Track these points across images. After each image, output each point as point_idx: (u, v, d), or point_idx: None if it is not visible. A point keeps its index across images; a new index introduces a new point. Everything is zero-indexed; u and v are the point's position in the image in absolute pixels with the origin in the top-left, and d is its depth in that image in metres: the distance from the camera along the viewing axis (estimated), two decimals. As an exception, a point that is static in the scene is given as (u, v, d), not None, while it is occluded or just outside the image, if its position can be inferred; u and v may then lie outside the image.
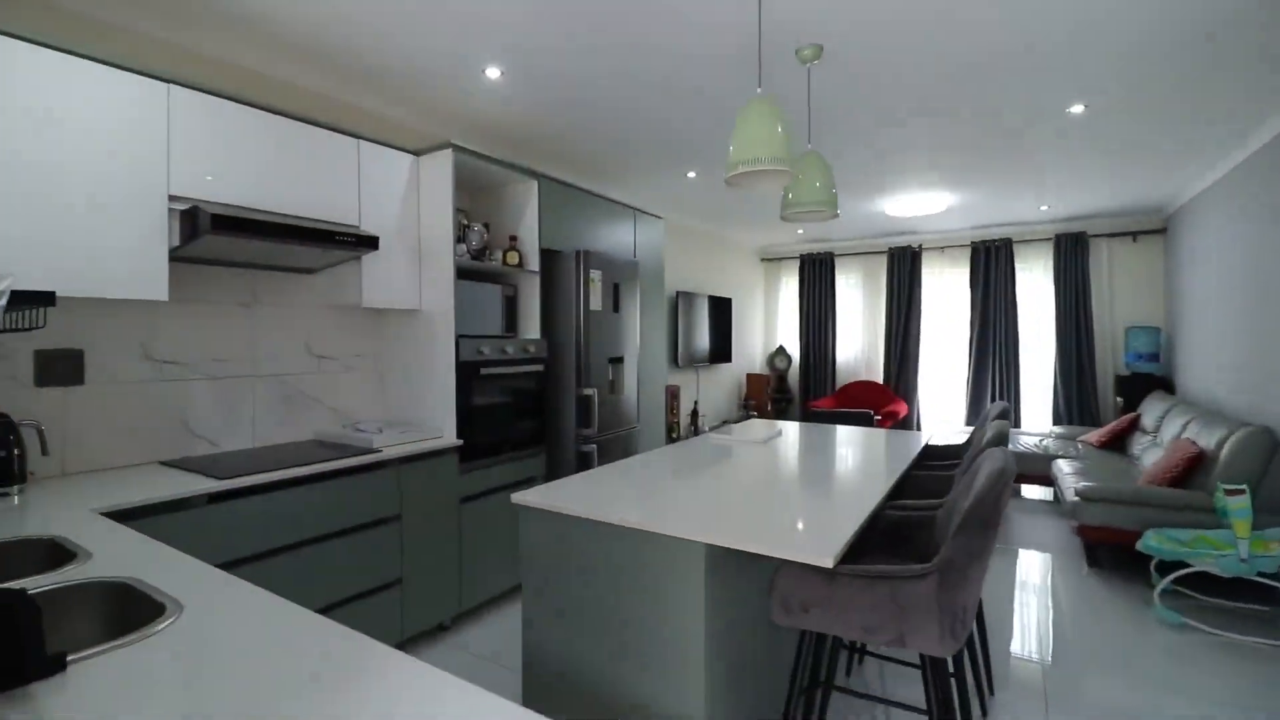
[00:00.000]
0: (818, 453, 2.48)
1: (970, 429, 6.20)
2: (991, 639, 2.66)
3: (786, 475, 2.05)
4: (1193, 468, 3.39)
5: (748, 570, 1.69)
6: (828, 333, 7.52)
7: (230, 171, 2.19)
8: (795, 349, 7.85)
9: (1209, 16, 2.25)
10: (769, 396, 7.35)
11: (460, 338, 2.77)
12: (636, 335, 3.74)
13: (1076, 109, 3.17)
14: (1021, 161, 4.13)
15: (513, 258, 3.15)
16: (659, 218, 4.37)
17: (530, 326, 3.27)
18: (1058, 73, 2.73)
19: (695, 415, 5.82)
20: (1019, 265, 6.57)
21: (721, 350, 6.74)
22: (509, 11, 2.22)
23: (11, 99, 1.72)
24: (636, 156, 4.00)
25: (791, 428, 3.18)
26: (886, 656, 2.38)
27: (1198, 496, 3.14)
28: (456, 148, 2.76)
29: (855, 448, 2.60)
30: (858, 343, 7.51)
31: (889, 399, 6.68)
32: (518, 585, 3.08)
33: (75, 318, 2.09)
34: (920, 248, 6.98)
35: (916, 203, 5.34)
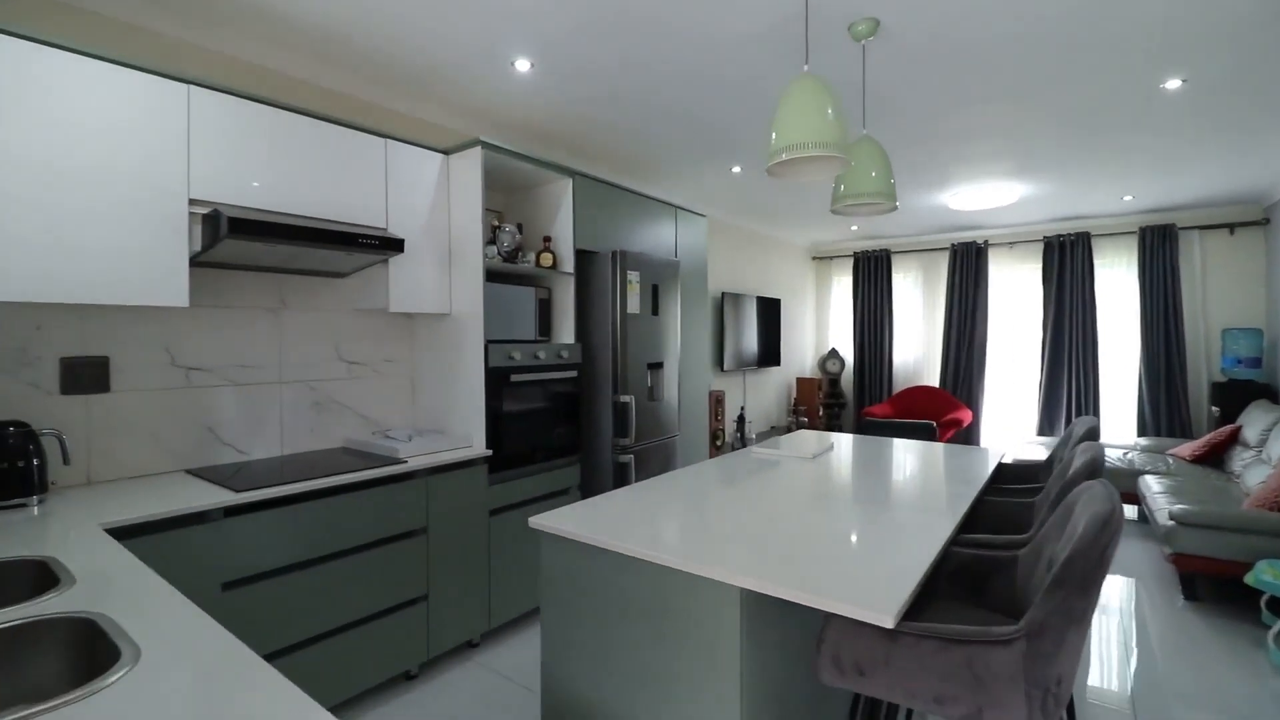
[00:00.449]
0: (874, 472, 2.24)
1: (1043, 440, 5.73)
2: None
3: (839, 500, 1.83)
4: (1315, 491, 2.95)
5: (794, 615, 1.48)
6: (884, 335, 7.13)
7: (253, 174, 2.13)
8: (849, 352, 7.48)
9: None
10: (820, 402, 7.03)
11: (490, 343, 2.66)
12: (677, 339, 3.56)
13: (1173, 84, 2.80)
14: (1104, 146, 3.73)
15: (546, 259, 3.01)
16: (701, 215, 4.17)
17: (565, 331, 3.13)
18: (1154, 42, 2.39)
19: (741, 421, 5.58)
20: (1098, 261, 6.04)
21: (770, 353, 6.47)
22: (535, -4, 2.08)
23: (31, 103, 1.68)
24: (676, 151, 3.81)
25: (844, 441, 2.93)
26: None
27: (1324, 526, 2.72)
28: (486, 145, 2.64)
29: (917, 466, 2.34)
30: (916, 345, 7.09)
31: (950, 406, 6.25)
32: (550, 602, 2.94)
33: (100, 324, 2.06)
34: (986, 243, 6.53)
35: (983, 195, 4.95)
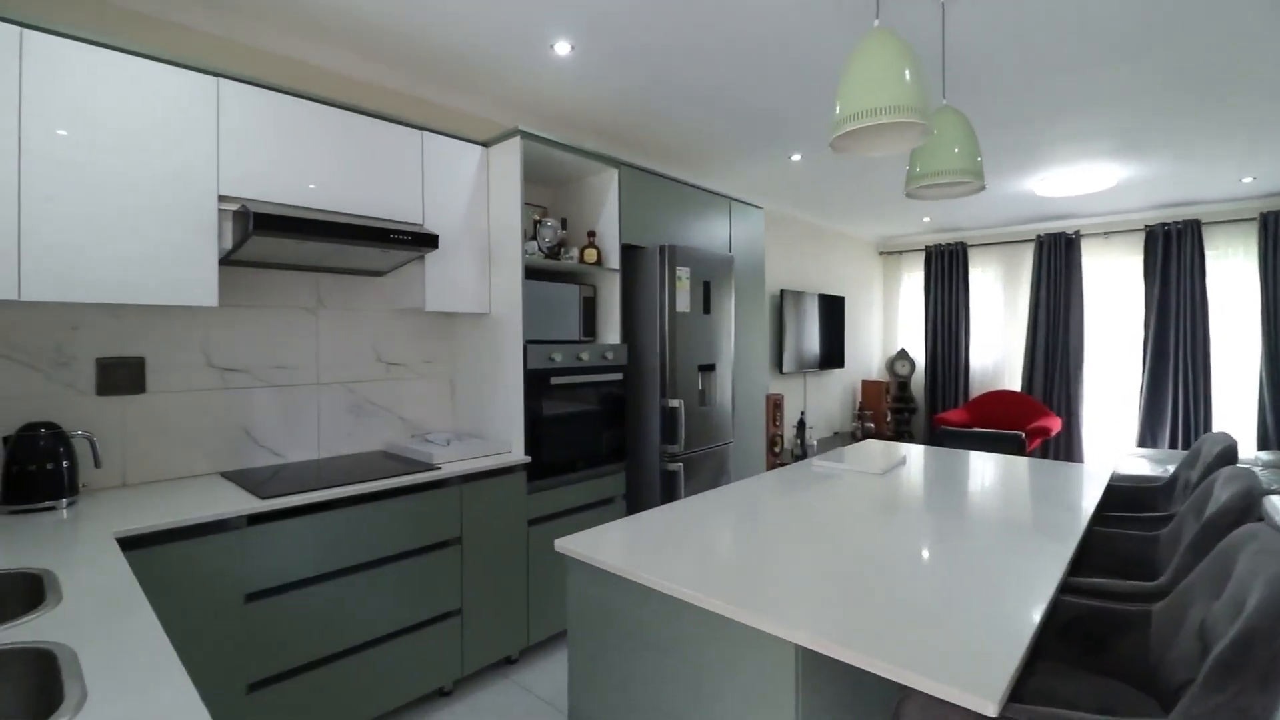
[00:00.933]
0: (955, 493, 1.95)
1: (1145, 453, 5.13)
2: None
3: (915, 528, 1.57)
4: None
5: (861, 680, 1.25)
6: (959, 335, 6.63)
7: (284, 170, 2.06)
8: (919, 353, 7.00)
9: None
10: (888, 406, 6.59)
11: (529, 343, 2.51)
12: (731, 339, 3.32)
13: (1327, 36, 2.35)
14: (1230, 117, 3.24)
15: (590, 255, 2.85)
16: (758, 207, 3.91)
17: (610, 330, 2.96)
18: (1309, -19, 1.99)
19: (801, 427, 5.27)
20: (1210, 252, 5.38)
21: (833, 354, 6.11)
22: (572, -34, 1.91)
23: (58, 99, 1.64)
24: (730, 139, 3.57)
25: (917, 453, 2.62)
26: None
27: None
28: (524, 134, 2.50)
29: (1006, 486, 2.03)
30: (996, 346, 6.54)
31: (1035, 412, 5.72)
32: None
33: (136, 324, 2.03)
34: (1078, 234, 5.94)
35: (1076, 179, 4.46)
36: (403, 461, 2.35)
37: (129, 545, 1.56)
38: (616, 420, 2.86)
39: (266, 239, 1.93)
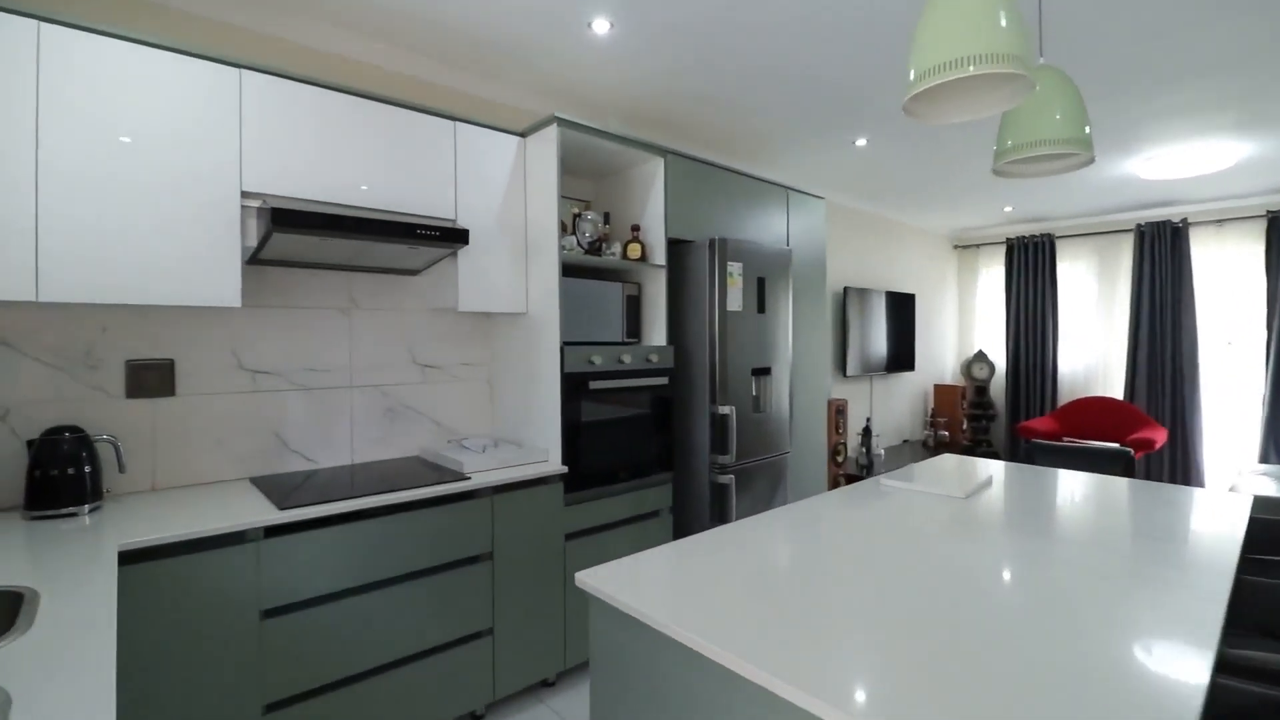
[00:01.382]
0: (1057, 526, 1.64)
1: (1269, 470, 4.49)
2: None
3: (1011, 575, 1.29)
4: None
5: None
6: (1046, 335, 6.05)
7: (310, 164, 1.97)
8: (999, 355, 6.46)
9: None
10: (964, 413, 6.10)
11: (566, 345, 2.35)
12: (789, 340, 3.06)
13: None
14: (1394, 75, 2.72)
15: (634, 250, 2.66)
16: (819, 198, 3.62)
17: (656, 331, 2.76)
18: None
19: (867, 435, 4.90)
20: (1354, 239, 4.67)
21: (902, 356, 5.69)
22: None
23: (77, 96, 1.60)
24: (786, 123, 3.31)
25: (1003, 472, 2.29)
26: None
27: None
28: (562, 122, 2.34)
29: (1119, 518, 1.70)
30: (1089, 348, 5.94)
31: (1136, 422, 5.13)
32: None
33: (165, 326, 1.99)
34: (1185, 222, 5.29)
35: (1186, 158, 3.93)
36: (435, 469, 2.24)
37: (137, 558, 1.48)
38: (662, 428, 2.66)
39: (289, 236, 1.84)
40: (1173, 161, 3.99)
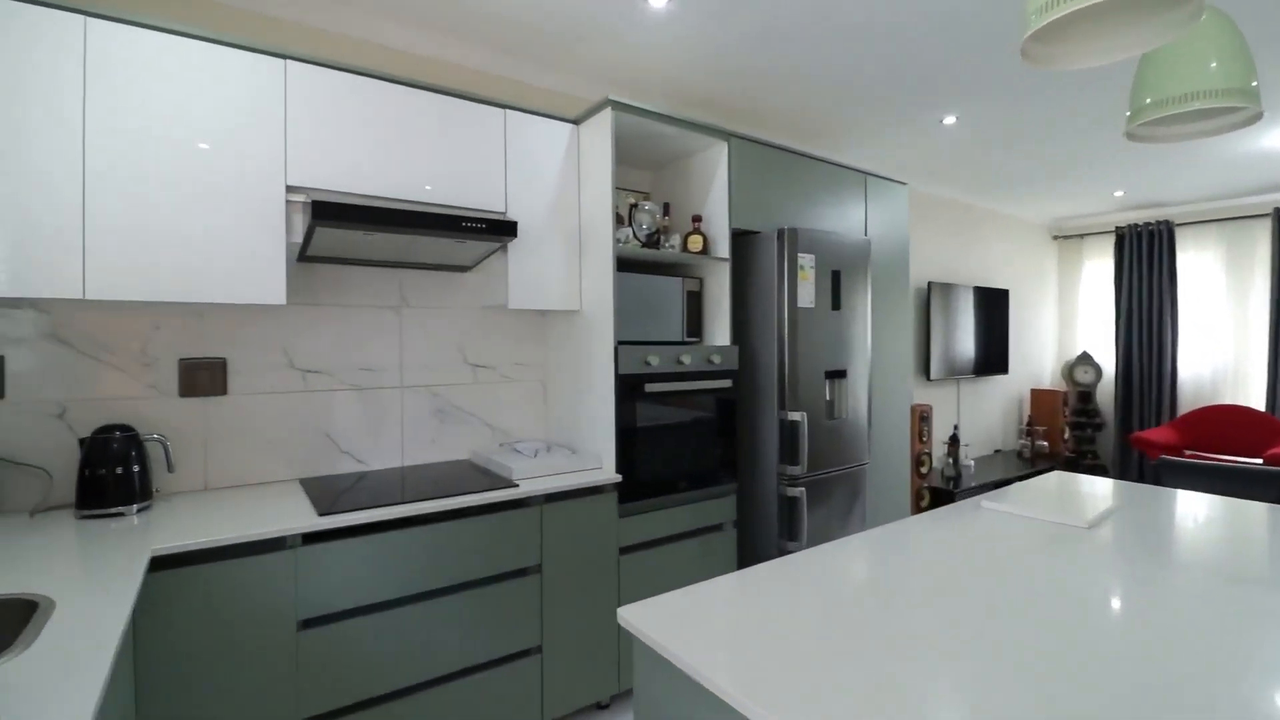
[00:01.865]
0: (1219, 568, 1.33)
1: None
2: None
3: (1176, 638, 1.02)
4: None
5: None
6: (1163, 335, 5.38)
7: (355, 156, 1.90)
8: (1107, 357, 5.81)
9: None
10: (1066, 421, 5.51)
11: (621, 345, 2.19)
12: (867, 340, 2.78)
13: None
14: None
15: (695, 242, 2.47)
16: (901, 183, 3.30)
17: (719, 330, 2.55)
18: None
19: (954, 444, 4.49)
20: None
21: (993, 358, 5.21)
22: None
23: (119, 90, 1.58)
24: (862, 101, 3.02)
25: (1125, 494, 1.95)
26: None
27: None
28: (616, 105, 2.18)
29: (1296, 555, 1.36)
30: (1216, 350, 5.23)
31: (1275, 434, 4.45)
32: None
33: (217, 324, 1.97)
34: (1343, 203, 4.56)
35: (1354, 125, 3.34)
36: (485, 474, 2.13)
37: (171, 564, 1.43)
38: (725, 435, 2.45)
39: (333, 231, 1.78)
40: (1333, 130, 3.40)
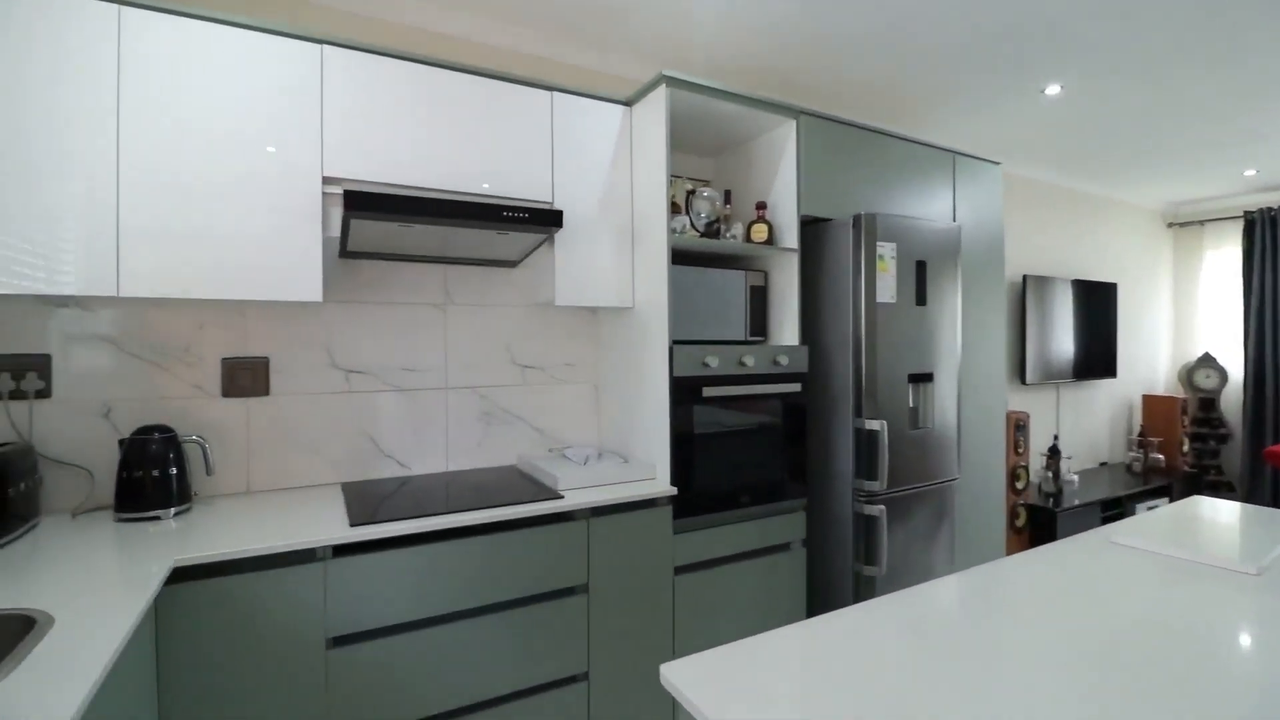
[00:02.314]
0: None
1: None
2: None
3: None
4: None
5: None
6: (1307, 333, 4.68)
7: (393, 146, 1.80)
8: (1233, 360, 5.11)
9: None
10: (1186, 432, 4.88)
11: (676, 344, 1.99)
12: (957, 340, 2.47)
13: None
14: None
15: (759, 231, 2.25)
16: (994, 163, 2.94)
17: (786, 328, 2.32)
18: None
19: (1054, 456, 4.02)
20: None
21: (1096, 360, 4.67)
22: None
23: (154, 80, 1.52)
24: (946, 70, 2.69)
25: (1304, 524, 1.57)
26: None
27: None
28: (671, 81, 1.99)
29: None
30: (1378, 349, 4.49)
31: None
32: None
33: (259, 322, 1.92)
34: None
35: None
36: (531, 483, 1.99)
37: (194, 575, 1.35)
38: (793, 444, 2.21)
39: (371, 224, 1.67)
40: None
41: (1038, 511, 3.68)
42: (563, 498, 1.81)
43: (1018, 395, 4.19)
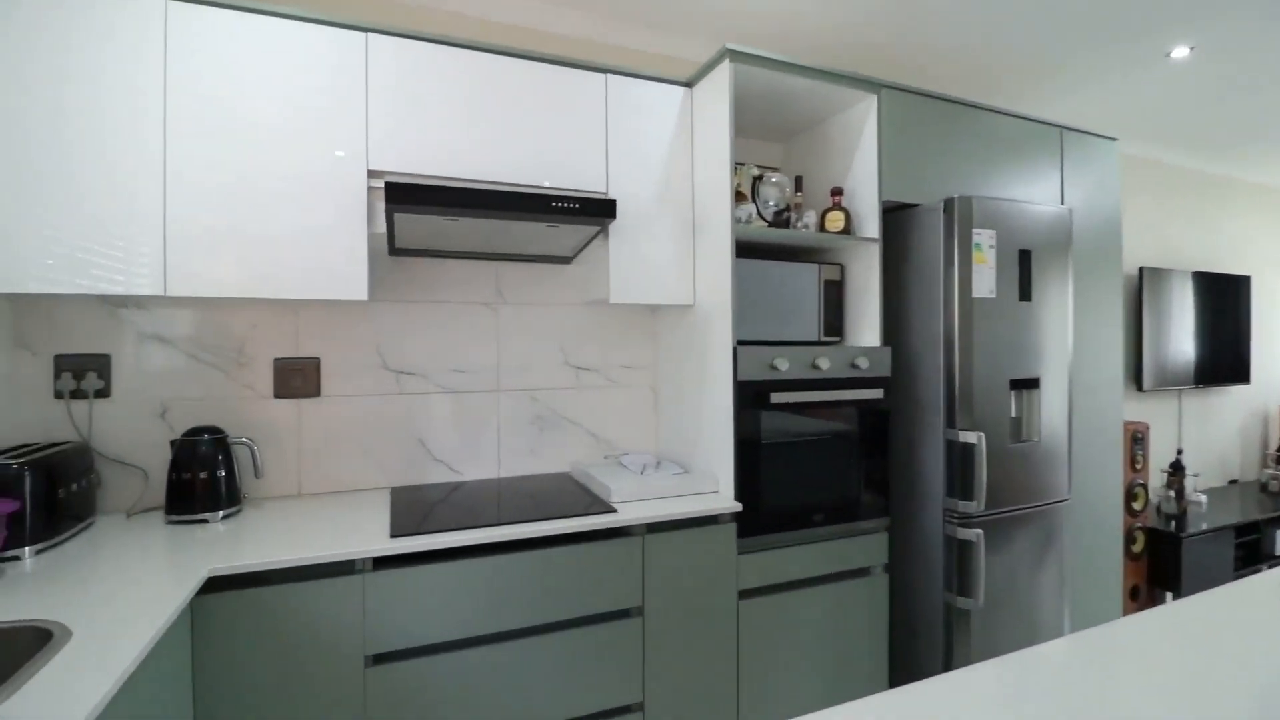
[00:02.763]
0: None
1: None
2: None
3: None
4: None
5: None
6: None
7: (441, 137, 1.71)
8: (1401, 363, 4.38)
9: None
10: (1337, 445, 4.22)
11: (740, 345, 1.81)
12: (1068, 340, 2.15)
13: None
14: None
15: (835, 220, 2.03)
16: (1109, 139, 2.58)
17: (866, 327, 2.08)
18: None
19: (1178, 472, 3.53)
20: None
21: (1224, 364, 4.09)
22: None
23: (200, 73, 1.49)
24: (1069, 29, 2.36)
25: None
26: None
27: None
28: (736, 55, 1.81)
29: None
30: None
31: None
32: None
33: (311, 322, 1.88)
34: None
35: None
36: (585, 493, 1.86)
37: (231, 585, 1.29)
38: (874, 457, 1.98)
39: (417, 218, 1.59)
40: None
41: (1159, 536, 3.23)
42: (617, 511, 1.67)
43: (1133, 403, 3.72)
